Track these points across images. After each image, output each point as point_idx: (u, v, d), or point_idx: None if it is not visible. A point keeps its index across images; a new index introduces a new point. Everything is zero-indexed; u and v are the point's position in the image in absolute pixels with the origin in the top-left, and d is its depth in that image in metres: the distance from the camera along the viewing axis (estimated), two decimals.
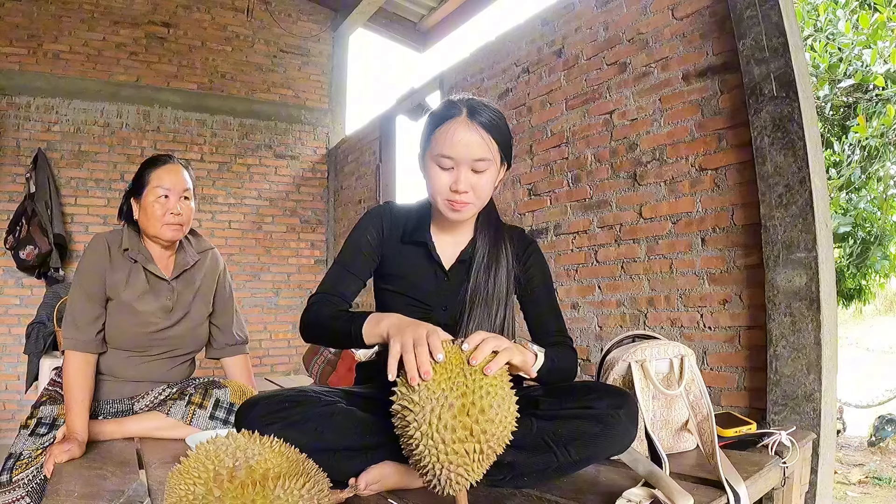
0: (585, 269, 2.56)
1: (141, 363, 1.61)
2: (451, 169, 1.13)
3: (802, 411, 1.67)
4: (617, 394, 1.14)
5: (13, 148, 4.14)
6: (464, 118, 1.12)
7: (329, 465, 0.95)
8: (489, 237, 1.26)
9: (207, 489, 0.74)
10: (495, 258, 1.24)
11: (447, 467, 0.84)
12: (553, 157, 2.74)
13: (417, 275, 1.25)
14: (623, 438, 1.10)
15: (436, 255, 1.25)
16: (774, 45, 1.79)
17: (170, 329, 1.62)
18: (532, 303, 1.29)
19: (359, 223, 1.28)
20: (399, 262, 1.26)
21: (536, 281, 1.30)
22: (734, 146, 1.98)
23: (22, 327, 3.33)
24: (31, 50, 4.24)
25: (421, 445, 0.84)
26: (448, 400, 0.84)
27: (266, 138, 4.98)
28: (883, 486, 3.19)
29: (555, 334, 1.26)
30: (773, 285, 1.76)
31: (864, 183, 4.30)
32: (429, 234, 1.25)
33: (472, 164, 1.12)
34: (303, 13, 5.24)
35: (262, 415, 1.05)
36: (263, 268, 4.89)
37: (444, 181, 1.14)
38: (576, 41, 2.64)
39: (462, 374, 0.87)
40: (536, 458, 1.04)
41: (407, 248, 1.26)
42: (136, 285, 1.58)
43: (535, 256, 1.32)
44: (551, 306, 1.30)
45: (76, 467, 1.27)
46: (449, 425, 0.83)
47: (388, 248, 1.26)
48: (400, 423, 0.88)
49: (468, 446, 0.84)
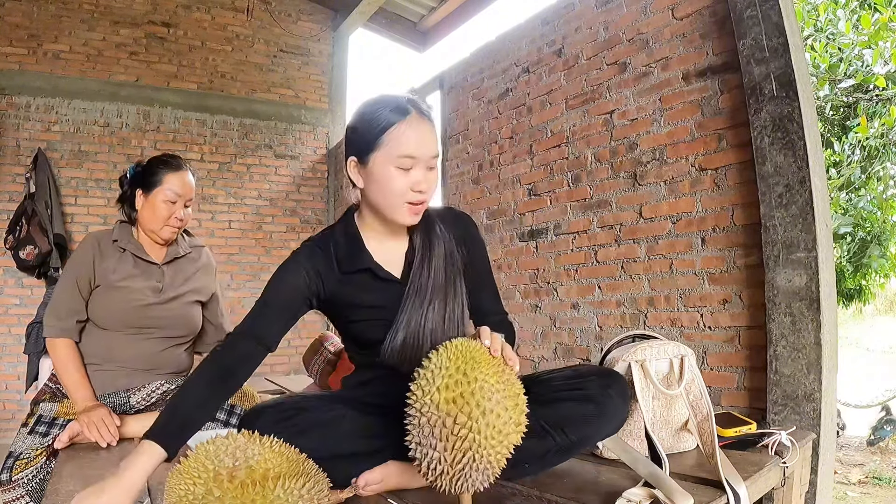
0: (585, 269, 2.56)
1: (132, 343, 1.61)
2: (409, 170, 1.08)
3: (802, 411, 1.67)
4: (606, 374, 1.16)
5: (13, 148, 4.14)
6: (417, 115, 1.08)
7: (335, 470, 0.95)
8: (422, 229, 1.19)
9: (207, 489, 0.74)
10: (429, 252, 1.17)
11: (493, 459, 0.86)
12: (553, 157, 2.74)
13: (374, 298, 1.16)
14: (616, 416, 1.12)
15: (384, 274, 1.16)
16: (774, 45, 1.79)
17: (160, 307, 1.63)
18: (474, 282, 1.24)
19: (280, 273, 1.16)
20: (349, 294, 1.16)
21: (476, 260, 1.25)
22: (734, 146, 1.98)
23: (22, 327, 3.32)
24: (31, 50, 4.24)
25: (483, 439, 0.84)
26: (504, 392, 0.87)
27: (266, 138, 4.98)
28: (883, 486, 3.19)
29: (497, 312, 1.27)
30: (773, 285, 1.76)
31: (864, 183, 4.30)
32: (367, 255, 1.16)
33: (428, 161, 1.09)
34: (303, 13, 5.24)
35: (269, 424, 1.04)
36: (263, 268, 4.88)
37: (401, 182, 1.07)
38: (576, 41, 2.64)
39: (501, 369, 0.91)
40: (534, 444, 1.04)
41: (352, 278, 1.16)
42: (125, 269, 1.62)
43: (474, 234, 1.27)
44: (491, 286, 1.29)
45: (76, 467, 1.27)
46: (511, 419, 0.87)
47: (329, 288, 1.15)
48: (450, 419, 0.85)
49: (512, 437, 0.88)
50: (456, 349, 0.90)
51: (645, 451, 1.26)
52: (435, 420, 0.86)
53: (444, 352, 0.91)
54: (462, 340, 0.93)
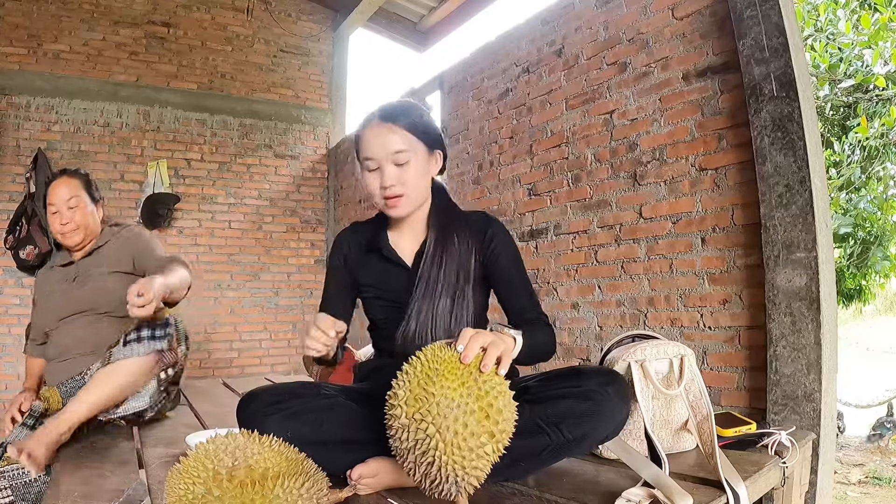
0: (585, 269, 2.56)
1: (68, 330, 1.80)
2: (376, 169, 1.22)
3: (802, 411, 1.67)
4: (606, 372, 1.15)
5: (13, 148, 4.13)
6: (376, 121, 1.22)
7: (327, 458, 0.96)
8: (440, 227, 1.29)
9: (207, 489, 0.74)
10: (443, 247, 1.26)
11: (466, 472, 0.84)
12: (553, 157, 2.74)
13: (385, 278, 1.32)
14: (614, 415, 1.10)
15: (394, 256, 1.31)
16: (774, 45, 1.79)
17: (77, 291, 1.82)
18: (502, 283, 1.30)
19: (330, 252, 1.41)
20: (368, 271, 1.34)
21: (502, 260, 1.30)
22: (734, 146, 1.98)
23: (22, 327, 3.32)
24: (31, 50, 4.23)
25: (444, 456, 0.82)
26: (469, 406, 0.84)
27: (266, 138, 4.98)
28: (883, 486, 3.19)
29: (529, 311, 1.27)
30: (773, 285, 1.76)
31: (864, 183, 4.30)
32: (385, 237, 1.33)
33: (392, 157, 1.20)
34: (303, 13, 5.24)
35: (263, 406, 1.07)
36: (263, 268, 4.88)
37: (375, 182, 1.23)
38: (576, 41, 2.64)
39: (472, 378, 0.87)
40: (529, 441, 1.04)
41: (370, 257, 1.34)
42: (51, 280, 1.89)
43: (500, 237, 1.32)
44: (522, 284, 1.31)
45: (76, 467, 1.27)
46: (475, 432, 0.83)
47: (356, 264, 1.35)
48: (411, 435, 0.85)
49: (488, 448, 0.85)
50: (423, 360, 0.89)
51: (645, 451, 1.26)
52: (403, 435, 0.87)
53: (414, 362, 0.91)
54: (432, 347, 0.92)
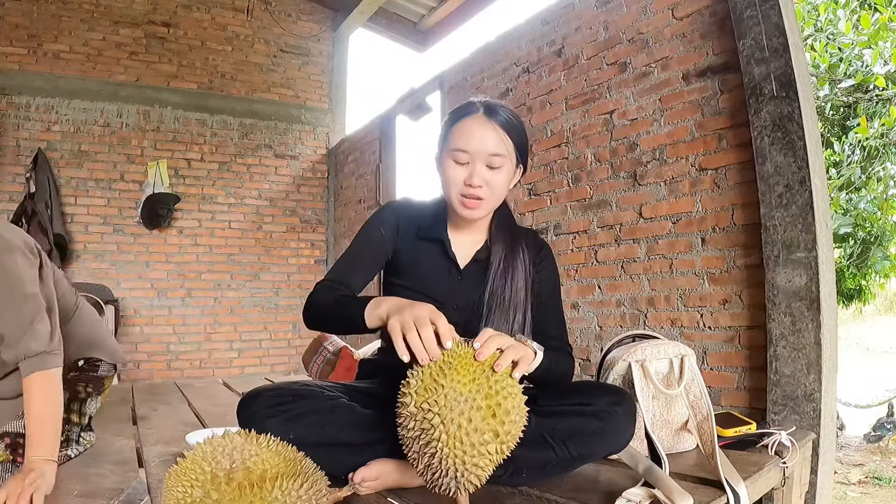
0: (585, 269, 2.56)
1: None
2: (466, 164, 1.15)
3: (802, 411, 1.67)
4: (615, 392, 1.14)
5: (13, 148, 4.14)
6: (481, 115, 1.16)
7: (330, 460, 0.95)
8: (505, 240, 1.25)
9: (205, 492, 0.74)
10: (512, 263, 1.22)
11: (467, 468, 0.84)
12: (553, 157, 2.74)
13: (430, 271, 1.24)
14: (621, 436, 1.10)
15: (451, 254, 1.24)
16: (774, 45, 1.79)
17: None
18: (539, 307, 1.26)
19: (373, 217, 1.27)
20: (413, 257, 1.25)
21: (545, 286, 1.28)
22: (734, 146, 1.98)
23: None
24: (31, 50, 4.24)
25: (446, 448, 0.82)
26: (476, 402, 0.84)
27: (266, 138, 4.98)
28: (883, 486, 3.19)
29: (556, 340, 1.25)
30: (773, 285, 1.76)
31: (864, 183, 4.29)
32: (445, 231, 1.25)
33: (487, 158, 1.14)
34: (303, 13, 5.24)
35: (264, 407, 1.05)
36: (263, 268, 4.88)
37: (459, 175, 1.15)
38: (576, 41, 2.64)
39: (483, 376, 0.87)
40: (535, 454, 1.04)
41: (422, 245, 1.25)
42: None
43: (548, 261, 1.31)
44: (556, 313, 1.29)
45: (76, 466, 1.27)
46: (479, 428, 0.83)
47: (402, 243, 1.25)
48: (417, 424, 0.85)
49: (491, 447, 0.84)
50: (442, 354, 0.89)
51: (645, 451, 1.26)
52: (410, 423, 0.86)
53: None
54: (452, 343, 0.92)
